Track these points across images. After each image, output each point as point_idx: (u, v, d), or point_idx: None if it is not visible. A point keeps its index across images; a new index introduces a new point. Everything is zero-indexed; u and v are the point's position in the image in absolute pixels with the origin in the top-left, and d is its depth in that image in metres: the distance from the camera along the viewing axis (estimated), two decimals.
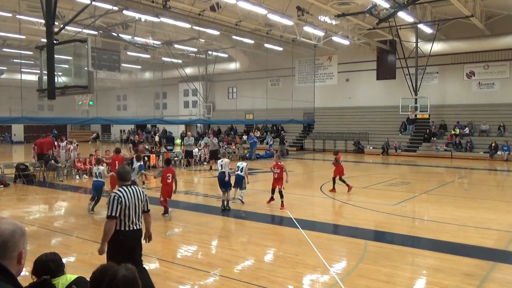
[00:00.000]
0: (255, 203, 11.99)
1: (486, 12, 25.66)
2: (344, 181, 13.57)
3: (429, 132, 29.01)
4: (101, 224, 5.51)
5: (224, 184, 11.18)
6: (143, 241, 5.18)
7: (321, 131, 33.36)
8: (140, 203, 4.96)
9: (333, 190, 13.59)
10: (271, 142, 29.68)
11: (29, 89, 14.87)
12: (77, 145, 20.51)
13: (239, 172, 11.63)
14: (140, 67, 41.15)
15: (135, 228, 4.87)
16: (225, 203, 11.07)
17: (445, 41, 28.49)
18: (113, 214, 4.72)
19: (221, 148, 23.74)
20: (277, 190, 11.25)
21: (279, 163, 11.44)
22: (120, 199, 4.76)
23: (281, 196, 11.16)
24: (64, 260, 3.29)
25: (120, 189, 4.90)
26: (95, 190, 10.86)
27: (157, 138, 27.09)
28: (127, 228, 4.79)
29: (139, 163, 11.78)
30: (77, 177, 17.72)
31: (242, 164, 11.88)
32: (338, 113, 34.23)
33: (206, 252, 7.85)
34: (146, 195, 5.10)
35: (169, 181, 10.16)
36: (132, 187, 4.99)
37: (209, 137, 22.13)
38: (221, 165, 11.44)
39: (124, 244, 4.76)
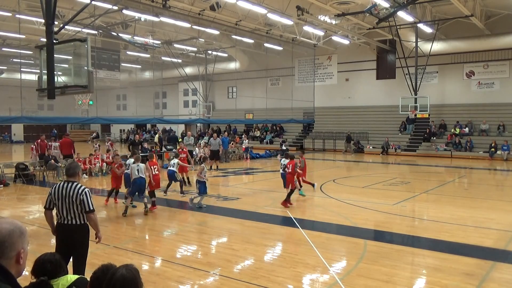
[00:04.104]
0: (255, 203, 12.00)
1: (486, 11, 25.66)
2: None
3: (428, 132, 29.02)
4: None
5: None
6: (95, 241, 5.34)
7: (320, 131, 33.38)
8: (73, 201, 5.03)
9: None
10: (246, 141, 27.85)
11: (28, 89, 14.86)
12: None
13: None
14: (140, 66, 41.14)
15: (64, 222, 5.12)
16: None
17: (445, 40, 28.50)
18: (45, 205, 5.26)
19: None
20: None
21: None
22: (50, 192, 5.21)
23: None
24: None
25: (56, 184, 5.32)
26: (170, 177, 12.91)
27: (156, 139, 27.03)
28: (59, 221, 5.18)
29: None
30: None
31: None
32: (338, 113, 34.25)
33: (206, 251, 7.85)
34: (81, 195, 5.02)
35: None
36: (69, 183, 5.13)
37: (212, 136, 21.92)
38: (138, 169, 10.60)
39: (57, 235, 5.25)
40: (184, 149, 16.20)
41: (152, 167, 11.01)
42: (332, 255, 7.36)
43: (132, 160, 11.37)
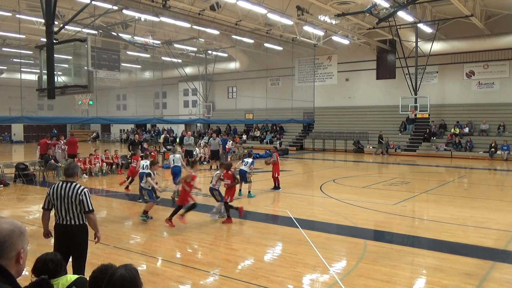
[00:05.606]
0: (255, 203, 12.00)
1: (486, 11, 25.66)
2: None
3: (428, 132, 29.02)
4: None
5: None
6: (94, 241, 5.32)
7: (321, 131, 33.37)
8: (72, 201, 5.00)
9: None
10: (230, 143, 25.93)
11: (28, 89, 14.88)
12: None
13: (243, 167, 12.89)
14: (140, 66, 41.16)
15: (63, 223, 5.08)
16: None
17: (445, 40, 28.50)
18: (43, 205, 5.25)
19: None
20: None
21: (229, 172, 10.29)
22: (48, 193, 5.18)
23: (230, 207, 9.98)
24: None
25: (54, 184, 5.28)
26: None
27: (162, 139, 26.92)
28: (58, 222, 5.14)
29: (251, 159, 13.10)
30: None
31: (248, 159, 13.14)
32: (338, 113, 34.25)
33: (206, 252, 7.84)
34: (81, 195, 5.01)
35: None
36: (68, 184, 5.10)
37: (212, 136, 21.81)
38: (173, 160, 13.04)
39: (55, 236, 5.20)
40: (152, 153, 15.92)
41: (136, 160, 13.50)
42: (332, 255, 7.36)
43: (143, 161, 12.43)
